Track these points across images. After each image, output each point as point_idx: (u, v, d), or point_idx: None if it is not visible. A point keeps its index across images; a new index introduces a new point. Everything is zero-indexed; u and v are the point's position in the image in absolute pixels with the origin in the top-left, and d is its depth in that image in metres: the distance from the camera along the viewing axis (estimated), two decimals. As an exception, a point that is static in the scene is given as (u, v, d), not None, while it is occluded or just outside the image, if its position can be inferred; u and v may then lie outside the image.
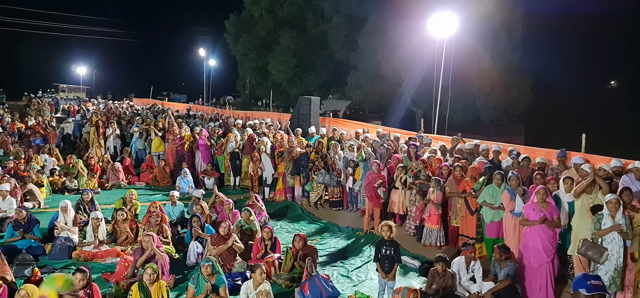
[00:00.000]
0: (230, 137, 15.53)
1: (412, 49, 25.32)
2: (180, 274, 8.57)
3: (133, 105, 34.40)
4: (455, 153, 11.71)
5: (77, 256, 9.20)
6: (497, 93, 25.77)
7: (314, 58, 34.21)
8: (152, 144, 17.42)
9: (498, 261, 7.64)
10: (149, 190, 15.02)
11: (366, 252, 9.85)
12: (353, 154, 12.67)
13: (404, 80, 27.64)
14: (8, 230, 9.83)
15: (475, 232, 9.40)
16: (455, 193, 9.79)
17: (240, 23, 38.90)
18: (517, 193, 8.44)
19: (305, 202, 13.43)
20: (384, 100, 30.37)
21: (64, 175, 14.95)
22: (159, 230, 9.39)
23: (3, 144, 19.71)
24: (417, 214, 10.43)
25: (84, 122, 22.26)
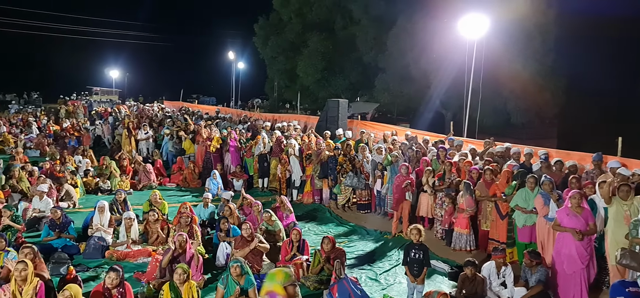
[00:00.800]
0: (259, 140, 15.62)
1: (442, 51, 25.04)
2: (209, 274, 8.65)
3: (164, 107, 34.86)
4: (486, 156, 11.55)
5: (110, 255, 9.37)
6: (528, 95, 25.23)
7: (342, 60, 34.14)
8: (183, 145, 17.66)
9: (529, 267, 7.49)
10: (179, 191, 15.20)
11: (394, 255, 9.79)
12: (381, 157, 12.61)
13: (433, 82, 27.32)
14: (44, 229, 10.05)
15: (505, 236, 9.23)
16: (485, 197, 9.63)
17: (268, 26, 39.01)
18: (552, 198, 8.28)
19: (333, 205, 13.40)
20: (412, 103, 30.06)
21: (98, 176, 15.23)
22: (189, 231, 9.46)
23: (39, 146, 20.17)
24: (446, 218, 10.32)
25: (116, 125, 22.67)
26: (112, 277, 6.68)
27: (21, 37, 55.96)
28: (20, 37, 56.02)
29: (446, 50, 24.27)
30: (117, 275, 6.72)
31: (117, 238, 9.94)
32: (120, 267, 6.95)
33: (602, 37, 25.03)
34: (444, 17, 23.61)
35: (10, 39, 56.93)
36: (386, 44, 29.53)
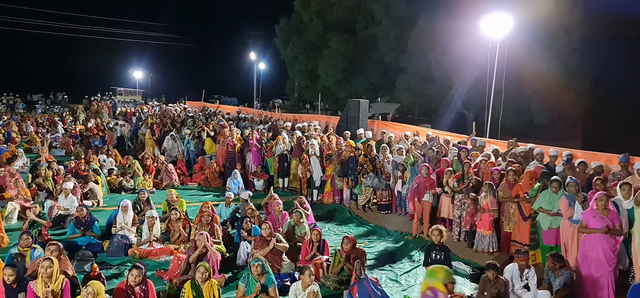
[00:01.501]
0: (279, 140, 15.67)
1: (464, 51, 24.82)
2: (230, 273, 8.70)
3: (186, 108, 35.20)
4: (508, 157, 11.40)
5: (132, 253, 9.47)
6: (552, 95, 24.84)
7: (363, 61, 34.07)
8: (204, 145, 17.80)
9: (552, 270, 7.38)
10: (200, 190, 15.32)
11: (415, 256, 9.70)
12: (402, 157, 12.54)
13: (454, 82, 27.12)
14: (70, 227, 10.23)
15: (528, 238, 9.09)
16: (508, 198, 9.50)
17: (289, 27, 39.11)
18: (577, 199, 8.13)
19: (353, 205, 13.36)
20: (434, 103, 29.86)
21: (121, 175, 15.41)
22: (210, 230, 9.52)
23: (65, 145, 20.50)
24: (467, 219, 10.21)
25: (139, 125, 22.93)
26: (135, 275, 6.75)
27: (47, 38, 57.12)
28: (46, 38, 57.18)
29: (468, 50, 24.07)
30: (139, 273, 6.79)
31: (141, 236, 10.05)
32: (143, 265, 7.02)
33: (629, 36, 24.48)
34: (466, 16, 23.38)
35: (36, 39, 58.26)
36: (407, 44, 29.41)
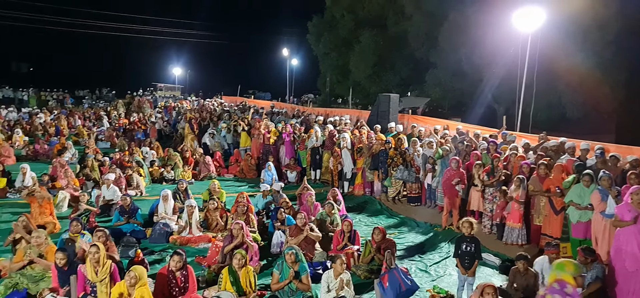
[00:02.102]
0: (312, 133, 15.75)
1: (495, 45, 24.43)
2: (265, 260, 8.82)
3: (222, 102, 35.64)
4: (539, 151, 11.22)
5: (173, 241, 9.69)
6: (585, 89, 24.19)
7: (394, 56, 33.93)
8: (240, 138, 17.99)
9: (583, 263, 7.25)
10: (236, 181, 15.51)
11: (444, 248, 9.71)
12: (431, 151, 12.49)
13: (485, 76, 26.77)
14: (115, 215, 10.49)
15: (559, 231, 8.95)
16: (539, 192, 9.38)
17: (322, 24, 39.25)
18: (610, 194, 7.98)
19: (383, 197, 13.35)
20: (464, 98, 29.51)
21: (162, 166, 15.69)
22: (246, 219, 9.65)
23: (110, 138, 20.97)
24: (497, 212, 10.13)
25: (179, 119, 23.33)
26: (176, 261, 6.93)
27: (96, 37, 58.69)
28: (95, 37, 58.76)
29: (499, 44, 23.70)
30: (180, 259, 6.96)
31: (179, 224, 10.25)
32: (183, 252, 7.19)
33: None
34: (497, 10, 23.00)
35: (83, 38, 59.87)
36: (438, 39, 29.12)
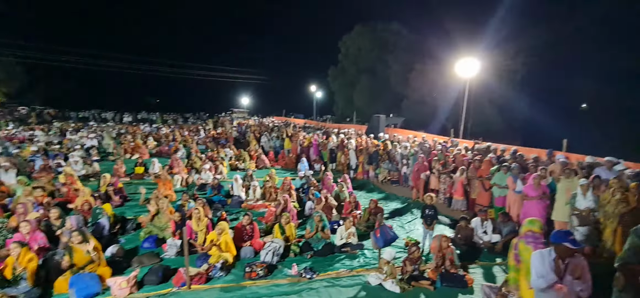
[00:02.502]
0: (330, 140, 15.78)
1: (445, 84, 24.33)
2: (301, 220, 8.87)
3: (273, 120, 35.78)
4: (475, 151, 11.09)
5: (244, 207, 9.78)
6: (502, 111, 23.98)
7: (381, 91, 33.90)
8: (284, 143, 18.09)
9: (502, 222, 7.18)
10: (282, 171, 15.58)
11: (414, 212, 9.61)
12: (406, 151, 12.42)
13: (439, 104, 26.61)
14: (209, 190, 10.67)
15: (487, 202, 8.82)
16: (474, 177, 9.28)
17: (336, 71, 39.47)
18: (519, 178, 7.89)
19: (375, 181, 13.27)
20: (426, 118, 29.38)
21: (236, 160, 15.83)
22: (289, 193, 9.75)
23: (204, 143, 21.18)
24: (447, 190, 10.04)
25: (246, 130, 23.53)
26: (246, 219, 7.04)
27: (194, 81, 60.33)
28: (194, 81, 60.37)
29: (448, 83, 23.57)
30: (249, 218, 7.07)
31: (247, 196, 10.39)
32: (250, 214, 7.30)
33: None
34: (447, 62, 22.89)
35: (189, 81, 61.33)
36: (409, 81, 29.08)
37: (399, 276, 5.73)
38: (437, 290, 5.55)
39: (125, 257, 6.60)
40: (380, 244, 6.44)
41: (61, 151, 16.28)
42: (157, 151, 17.89)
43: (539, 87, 23.75)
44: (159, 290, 5.50)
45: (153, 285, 5.65)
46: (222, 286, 5.64)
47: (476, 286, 5.65)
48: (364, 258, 6.75)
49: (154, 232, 7.40)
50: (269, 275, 5.97)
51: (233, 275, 5.98)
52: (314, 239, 7.12)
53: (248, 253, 6.64)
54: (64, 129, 26.57)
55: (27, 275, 5.34)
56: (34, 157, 14.01)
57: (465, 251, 6.92)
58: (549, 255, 3.41)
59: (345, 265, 6.43)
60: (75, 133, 23.88)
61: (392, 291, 5.48)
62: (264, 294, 5.41)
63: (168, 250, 6.79)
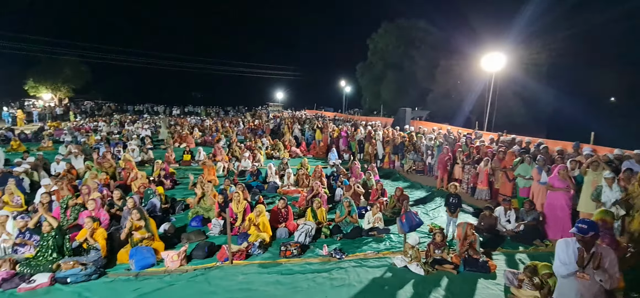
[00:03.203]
0: (358, 132, 15.67)
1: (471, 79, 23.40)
2: (331, 205, 8.88)
3: (306, 113, 35.96)
4: (499, 143, 10.65)
5: (280, 192, 9.91)
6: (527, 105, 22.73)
7: (407, 86, 33.14)
8: (315, 133, 18.16)
9: (526, 211, 6.87)
10: (313, 159, 15.67)
11: (438, 201, 9.40)
12: (431, 143, 12.12)
13: (464, 97, 25.65)
14: (247, 176, 10.88)
15: (510, 192, 8.48)
16: (498, 168, 8.94)
17: (364, 66, 38.91)
18: (544, 170, 7.51)
19: (401, 170, 13.09)
20: (451, 111, 28.45)
21: (272, 149, 16.04)
22: (320, 180, 9.79)
23: (243, 133, 21.62)
24: (471, 179, 9.72)
25: (280, 122, 23.82)
26: (281, 203, 7.17)
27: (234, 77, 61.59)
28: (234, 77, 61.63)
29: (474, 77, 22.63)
30: (284, 202, 7.19)
31: (282, 182, 10.55)
32: (285, 198, 7.43)
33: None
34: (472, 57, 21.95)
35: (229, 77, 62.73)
36: (435, 76, 28.19)
37: (423, 260, 5.66)
38: (460, 274, 5.44)
39: (175, 234, 6.95)
40: (406, 229, 6.37)
41: (121, 140, 17.25)
42: (202, 141, 18.37)
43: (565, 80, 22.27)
44: (205, 264, 5.76)
45: (200, 259, 5.93)
46: (260, 262, 5.82)
47: (499, 272, 5.48)
48: (390, 242, 6.71)
49: (200, 213, 7.71)
50: (302, 254, 6.08)
51: (270, 253, 6.15)
52: (343, 223, 7.15)
53: (283, 233, 6.78)
54: (123, 120, 28.10)
55: (98, 245, 5.77)
56: (98, 145, 14.96)
57: (488, 239, 6.72)
58: (573, 243, 3.25)
59: (372, 248, 6.43)
60: (132, 124, 25.20)
61: (416, 273, 5.42)
62: (297, 271, 5.53)
63: (212, 229, 7.07)
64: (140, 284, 5.13)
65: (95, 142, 15.95)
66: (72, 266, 5.34)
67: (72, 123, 26.20)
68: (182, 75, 62.88)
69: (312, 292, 4.95)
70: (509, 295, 4.88)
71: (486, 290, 5.03)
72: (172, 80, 65.30)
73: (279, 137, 18.95)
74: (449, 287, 5.12)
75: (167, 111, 44.89)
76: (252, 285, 5.11)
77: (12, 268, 5.38)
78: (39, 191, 8.27)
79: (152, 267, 5.64)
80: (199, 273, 5.45)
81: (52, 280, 5.13)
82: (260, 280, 5.25)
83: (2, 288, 4.98)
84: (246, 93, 64.61)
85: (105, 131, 20.41)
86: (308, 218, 7.17)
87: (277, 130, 22.18)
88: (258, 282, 5.18)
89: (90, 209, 6.74)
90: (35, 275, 5.21)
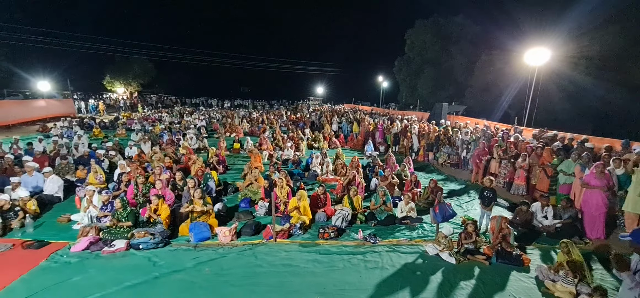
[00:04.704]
0: (394, 126, 15.40)
1: (511, 73, 21.86)
2: (366, 193, 8.89)
3: (344, 107, 35.84)
4: (540, 139, 9.97)
5: (319, 180, 10.02)
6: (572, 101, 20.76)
7: (444, 81, 31.78)
8: (352, 126, 18.09)
9: (564, 208, 6.44)
10: (350, 151, 15.68)
11: (472, 194, 9.06)
12: (467, 137, 11.64)
13: (503, 93, 24.07)
14: (289, 165, 11.13)
15: (547, 188, 7.93)
16: (536, 164, 8.40)
17: (402, 62, 37.85)
18: (587, 167, 6.96)
19: (435, 163, 12.72)
20: (488, 106, 26.88)
21: (312, 141, 16.22)
22: (357, 170, 9.80)
23: (286, 125, 22.11)
24: (508, 175, 9.22)
25: (320, 115, 23.99)
26: (320, 189, 7.34)
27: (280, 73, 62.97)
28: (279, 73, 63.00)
29: (514, 72, 21.14)
30: (323, 189, 7.36)
31: (322, 171, 10.70)
32: (324, 186, 7.59)
33: None
34: (514, 51, 20.47)
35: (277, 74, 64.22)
36: (474, 70, 26.73)
37: (455, 249, 5.56)
38: (492, 266, 5.27)
39: (227, 213, 7.40)
40: (439, 220, 6.27)
41: (180, 129, 18.47)
42: (250, 131, 19.04)
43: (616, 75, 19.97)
44: (252, 240, 6.11)
45: (248, 235, 6.29)
46: (300, 242, 6.05)
47: (532, 266, 5.23)
48: (423, 231, 6.64)
49: (248, 195, 8.12)
50: (338, 237, 6.23)
51: (309, 235, 6.37)
52: (378, 211, 7.17)
53: (321, 217, 6.96)
54: (182, 112, 29.94)
55: (162, 219, 6.34)
56: (162, 133, 16.16)
57: (523, 234, 6.40)
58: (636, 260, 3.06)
59: (405, 235, 6.40)
60: (189, 115, 26.79)
61: (448, 261, 5.35)
62: (334, 252, 5.68)
63: (259, 210, 7.43)
64: (198, 254, 5.59)
65: (160, 131, 17.24)
66: (143, 235, 5.94)
67: (140, 114, 28.43)
68: (233, 72, 65.44)
69: (347, 271, 5.09)
70: (543, 289, 4.67)
71: (518, 283, 4.85)
72: (224, 76, 68.21)
73: (319, 129, 19.13)
74: (480, 276, 5.00)
75: (219, 104, 47.00)
76: (293, 261, 5.35)
77: (97, 234, 6.11)
78: (116, 171, 9.19)
79: (207, 240, 6.10)
80: (247, 248, 5.81)
81: (128, 246, 5.75)
82: (301, 257, 5.48)
83: (90, 250, 5.68)
84: (289, 88, 65.70)
85: (168, 121, 21.93)
86: (345, 204, 7.27)
87: (317, 123, 22.38)
88: (298, 259, 5.41)
89: (158, 188, 7.38)
90: (114, 241, 5.87)
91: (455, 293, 4.55)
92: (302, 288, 4.62)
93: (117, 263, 5.32)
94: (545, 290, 4.62)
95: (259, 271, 5.06)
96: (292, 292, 4.53)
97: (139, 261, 5.35)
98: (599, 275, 5.07)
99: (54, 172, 8.68)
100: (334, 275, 4.96)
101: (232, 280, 4.82)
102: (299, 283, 4.72)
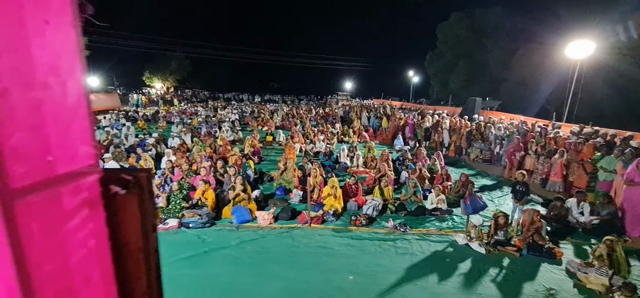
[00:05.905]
0: (425, 120, 15.31)
1: (551, 67, 20.80)
2: (396, 185, 9.08)
3: (373, 102, 35.59)
4: (581, 135, 9.64)
5: (350, 172, 10.26)
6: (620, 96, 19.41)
7: (478, 75, 30.73)
8: (382, 121, 18.14)
9: (602, 205, 6.31)
10: (380, 145, 15.79)
11: (504, 189, 8.97)
12: (500, 132, 11.43)
13: (541, 87, 22.98)
14: (321, 157, 11.47)
15: (585, 185, 7.75)
16: (575, 160, 8.20)
17: (434, 55, 37.01)
18: (631, 165, 6.75)
19: (467, 159, 12.60)
20: (524, 101, 25.72)
21: (342, 135, 16.49)
22: (387, 163, 9.99)
23: (316, 119, 22.57)
24: (544, 171, 9.04)
25: (349, 110, 24.17)
26: (352, 180, 7.65)
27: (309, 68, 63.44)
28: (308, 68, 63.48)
29: (554, 66, 20.11)
30: (354, 179, 7.67)
31: (352, 164, 10.98)
32: (355, 176, 7.88)
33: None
34: (554, 44, 19.45)
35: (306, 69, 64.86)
36: (510, 64, 25.66)
37: (485, 240, 5.68)
38: (523, 258, 5.36)
39: (263, 200, 7.92)
40: (469, 211, 6.38)
41: (216, 122, 19.45)
42: (281, 125, 19.70)
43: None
44: (289, 224, 6.57)
45: (285, 220, 6.76)
46: (333, 228, 6.42)
47: (565, 260, 5.25)
48: (453, 222, 6.77)
49: (282, 184, 8.59)
50: (369, 225, 6.53)
51: (341, 221, 6.72)
52: (408, 202, 7.38)
53: (353, 206, 7.27)
54: (216, 106, 31.29)
55: (208, 203, 6.96)
56: (200, 126, 17.14)
57: (556, 229, 6.36)
58: None
59: (435, 225, 6.57)
60: (223, 109, 27.98)
61: (478, 251, 5.49)
62: (365, 238, 6.00)
63: (293, 198, 7.89)
64: (240, 234, 6.12)
65: (197, 123, 18.28)
66: (193, 216, 6.57)
67: (178, 108, 30.05)
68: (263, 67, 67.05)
69: (378, 255, 5.39)
70: (575, 280, 4.72)
71: (549, 274, 4.92)
72: (254, 72, 70.01)
73: (348, 124, 19.34)
74: (510, 267, 5.11)
75: (250, 99, 48.40)
76: (327, 244, 5.74)
77: (152, 213, 6.82)
78: (164, 159, 10.02)
79: (248, 223, 6.63)
80: (284, 231, 6.27)
81: (180, 224, 6.41)
82: (334, 241, 5.86)
83: (147, 227, 6.38)
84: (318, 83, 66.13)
85: (204, 115, 23.09)
86: (376, 195, 7.53)
87: (346, 117, 22.58)
88: (332, 243, 5.78)
89: (202, 175, 8.05)
90: (167, 219, 6.55)
91: (483, 280, 4.72)
92: (337, 267, 4.99)
93: (170, 238, 5.96)
94: (577, 281, 4.67)
95: (296, 251, 5.49)
96: (327, 270, 4.92)
97: (190, 238, 5.97)
98: (637, 271, 5.01)
99: (112, 158, 9.65)
100: (366, 258, 5.28)
101: (272, 257, 5.29)
102: (334, 263, 5.10)
